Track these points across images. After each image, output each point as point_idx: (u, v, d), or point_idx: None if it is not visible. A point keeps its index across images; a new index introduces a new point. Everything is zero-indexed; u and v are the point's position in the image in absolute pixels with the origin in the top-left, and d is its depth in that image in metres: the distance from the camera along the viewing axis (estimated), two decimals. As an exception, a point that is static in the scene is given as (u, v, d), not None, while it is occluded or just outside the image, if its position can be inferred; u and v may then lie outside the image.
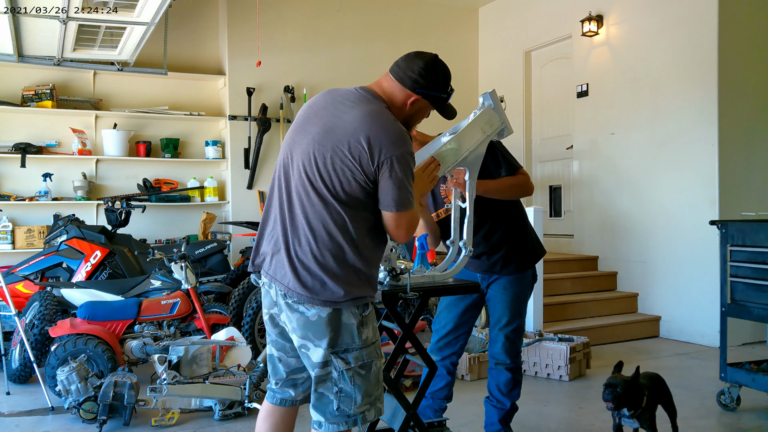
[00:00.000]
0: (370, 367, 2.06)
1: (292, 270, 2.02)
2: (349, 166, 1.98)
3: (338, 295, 1.99)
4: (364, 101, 2.07)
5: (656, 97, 6.17)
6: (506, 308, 2.99)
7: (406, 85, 2.15)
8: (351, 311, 2.03)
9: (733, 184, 5.66)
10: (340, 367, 2.02)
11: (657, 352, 5.58)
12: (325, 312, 2.00)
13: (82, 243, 5.23)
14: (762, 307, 3.69)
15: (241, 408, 3.79)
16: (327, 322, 2.00)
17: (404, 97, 2.16)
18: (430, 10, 8.17)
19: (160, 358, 3.97)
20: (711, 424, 3.73)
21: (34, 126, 6.56)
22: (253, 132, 7.16)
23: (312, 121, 2.09)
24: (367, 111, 2.03)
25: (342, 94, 2.11)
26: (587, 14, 6.77)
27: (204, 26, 7.33)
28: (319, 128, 2.04)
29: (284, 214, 2.08)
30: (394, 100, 2.15)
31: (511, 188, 2.92)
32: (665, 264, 6.10)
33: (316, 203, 2.01)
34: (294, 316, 2.04)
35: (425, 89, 2.16)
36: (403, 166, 1.99)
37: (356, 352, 2.04)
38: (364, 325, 2.05)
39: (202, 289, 5.16)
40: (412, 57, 2.21)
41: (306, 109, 2.16)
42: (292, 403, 2.25)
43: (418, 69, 2.16)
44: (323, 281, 1.99)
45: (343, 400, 2.04)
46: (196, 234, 6.90)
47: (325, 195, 2.00)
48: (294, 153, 2.09)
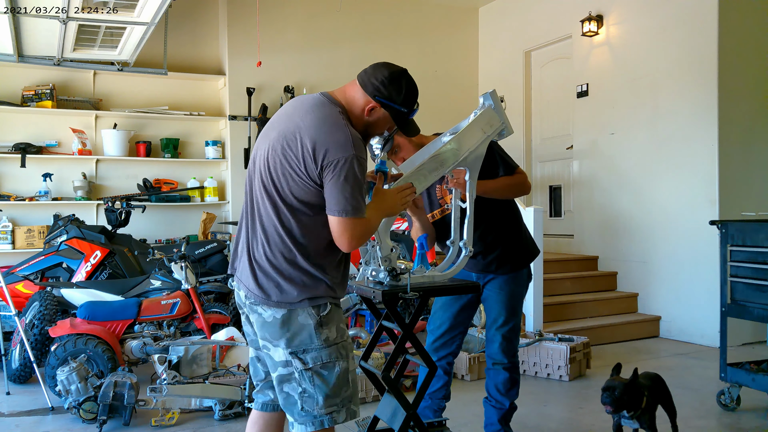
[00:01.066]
0: (333, 367, 2.06)
1: (251, 272, 2.08)
2: (296, 169, 2.01)
3: (291, 296, 2.03)
4: (319, 106, 2.10)
5: (656, 97, 6.17)
6: (502, 308, 2.99)
7: (367, 91, 2.14)
8: (307, 312, 2.05)
9: (733, 184, 5.66)
10: (299, 367, 2.04)
11: (657, 352, 5.58)
12: (280, 313, 2.04)
13: (82, 243, 5.23)
14: (762, 307, 3.69)
15: (241, 408, 3.79)
16: (282, 323, 2.04)
17: (364, 103, 2.15)
18: (430, 10, 8.18)
19: (160, 358, 3.97)
20: (711, 424, 3.73)
21: (34, 126, 6.56)
22: (253, 132, 7.16)
23: (273, 126, 2.15)
24: (318, 115, 2.05)
25: (304, 101, 2.16)
26: (587, 14, 6.77)
27: (204, 26, 7.33)
28: (276, 134, 2.09)
29: (247, 218, 2.15)
30: (354, 105, 2.16)
31: (509, 188, 2.92)
32: (665, 264, 6.10)
33: (268, 207, 2.07)
34: (254, 317, 2.11)
35: (385, 99, 2.14)
36: (347, 171, 1.97)
37: (315, 352, 2.04)
38: (323, 326, 2.06)
39: (202, 289, 5.16)
40: (380, 66, 2.19)
41: (274, 116, 2.23)
42: (273, 408, 2.26)
43: (381, 77, 2.14)
44: (278, 283, 2.04)
45: (306, 400, 2.06)
46: (196, 234, 6.90)
47: (276, 199, 2.05)
48: (256, 158, 2.16)
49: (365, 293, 2.54)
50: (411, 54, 7.97)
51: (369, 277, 2.57)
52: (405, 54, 7.95)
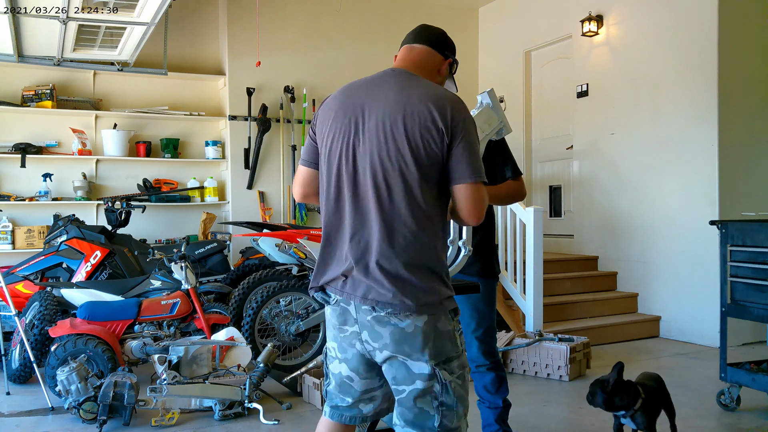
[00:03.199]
0: (466, 376, 1.93)
1: (383, 278, 1.82)
2: (428, 144, 1.82)
3: (432, 299, 1.83)
4: (411, 78, 1.96)
5: (656, 97, 6.17)
6: (473, 311, 2.98)
7: (438, 50, 2.10)
8: (445, 315, 1.87)
9: (733, 184, 5.66)
10: (445, 379, 1.84)
11: (657, 352, 5.58)
12: (421, 321, 1.82)
13: (82, 243, 5.23)
14: (762, 307, 3.69)
15: (241, 408, 3.80)
16: (425, 331, 1.83)
17: (438, 62, 2.11)
18: (430, 10, 8.17)
19: (160, 358, 3.97)
20: (711, 424, 3.73)
21: (34, 126, 6.56)
22: (253, 132, 7.16)
23: (363, 109, 1.90)
24: (424, 84, 1.93)
25: (383, 78, 1.96)
26: (587, 14, 6.77)
27: (204, 26, 7.33)
28: (381, 115, 1.87)
29: (363, 219, 1.87)
30: (428, 68, 2.08)
31: (510, 197, 2.94)
32: (665, 264, 6.10)
33: (401, 200, 1.83)
34: (386, 330, 1.83)
35: (453, 53, 2.16)
36: (473, 130, 1.87)
37: (457, 360, 1.88)
38: (456, 330, 1.90)
39: (202, 289, 5.16)
40: (426, 27, 2.16)
41: (344, 102, 1.95)
42: (362, 420, 2.06)
43: (440, 35, 2.13)
44: (416, 286, 1.82)
45: (445, 414, 1.86)
46: (196, 234, 6.90)
47: (411, 185, 1.83)
48: (358, 148, 1.88)
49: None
50: (411, 54, 7.97)
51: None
52: (405, 54, 7.95)
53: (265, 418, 3.73)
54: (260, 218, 7.10)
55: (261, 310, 4.75)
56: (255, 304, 4.72)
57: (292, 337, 4.77)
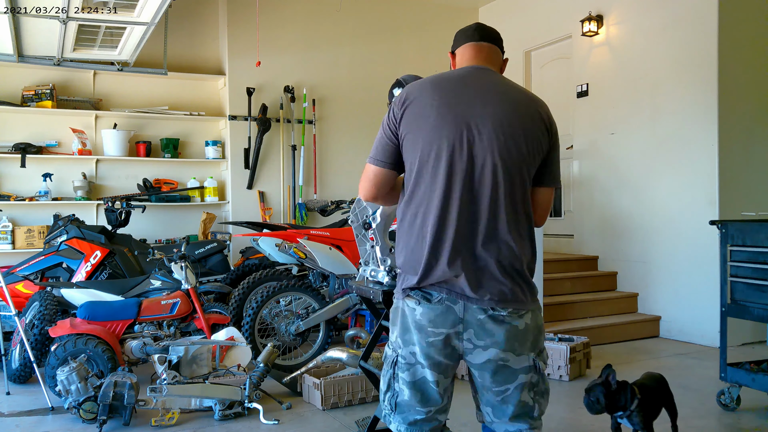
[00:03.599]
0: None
1: (503, 278, 1.82)
2: (539, 146, 1.89)
3: (535, 294, 1.91)
4: (504, 78, 2.00)
5: (656, 97, 6.17)
6: None
7: (501, 49, 2.10)
8: (540, 310, 1.95)
9: (733, 184, 5.66)
10: (541, 369, 1.93)
11: (657, 352, 5.58)
12: (530, 317, 1.88)
13: (82, 243, 5.23)
14: (762, 307, 3.69)
15: (241, 408, 3.80)
16: (532, 327, 1.88)
17: (501, 61, 2.11)
18: (430, 10, 8.18)
19: (160, 358, 3.97)
20: (711, 424, 3.73)
21: (34, 126, 6.56)
22: (253, 132, 7.16)
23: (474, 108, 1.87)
24: (519, 86, 2.00)
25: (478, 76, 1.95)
26: (587, 14, 6.77)
27: (204, 26, 7.33)
28: (497, 114, 1.85)
29: (479, 217, 1.83)
30: (497, 67, 2.07)
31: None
32: (665, 264, 6.10)
33: (518, 199, 1.85)
34: (500, 329, 1.83)
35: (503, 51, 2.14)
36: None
37: (545, 349, 1.99)
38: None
39: (202, 289, 5.16)
40: (484, 25, 2.11)
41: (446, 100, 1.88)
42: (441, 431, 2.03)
43: (497, 32, 2.11)
44: (528, 282, 1.87)
45: (541, 401, 1.96)
46: (196, 234, 6.90)
47: (525, 185, 1.87)
48: (474, 146, 1.83)
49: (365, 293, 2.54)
50: (411, 54, 7.97)
51: (368, 277, 2.57)
52: (405, 54, 7.96)
53: (265, 418, 3.73)
54: (260, 218, 7.10)
55: (261, 310, 4.75)
56: (255, 304, 4.72)
57: (292, 337, 4.77)
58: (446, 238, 1.82)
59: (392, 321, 1.96)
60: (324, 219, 6.99)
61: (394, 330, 1.94)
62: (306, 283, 4.92)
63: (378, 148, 1.95)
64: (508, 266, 1.83)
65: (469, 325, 1.84)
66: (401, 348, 1.90)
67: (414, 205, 1.88)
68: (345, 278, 5.09)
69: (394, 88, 2.94)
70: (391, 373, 1.92)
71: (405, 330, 1.89)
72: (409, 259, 1.87)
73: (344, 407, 3.97)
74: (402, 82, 2.92)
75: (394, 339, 1.93)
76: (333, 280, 5.16)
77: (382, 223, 2.46)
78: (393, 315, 1.96)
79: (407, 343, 1.89)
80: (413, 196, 1.87)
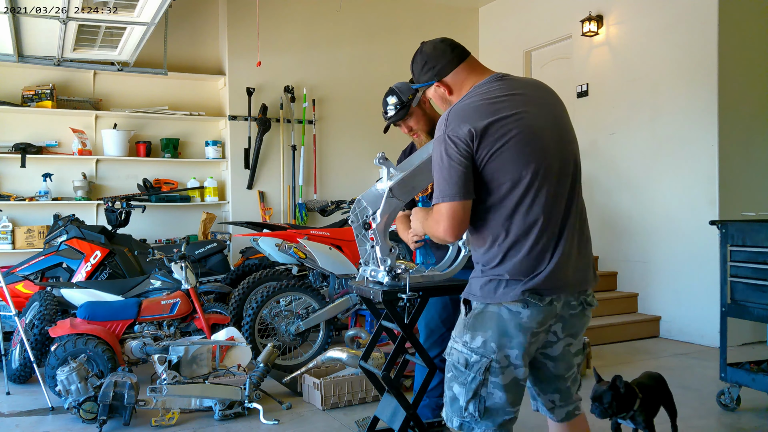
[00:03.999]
0: None
1: (586, 270, 2.03)
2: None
3: None
4: (530, 79, 2.18)
5: (656, 97, 6.17)
6: None
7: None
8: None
9: (733, 184, 5.66)
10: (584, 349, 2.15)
11: (657, 352, 5.58)
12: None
13: (82, 243, 5.23)
14: (762, 307, 3.69)
15: (241, 408, 3.80)
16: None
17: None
18: (430, 10, 8.18)
19: (160, 358, 3.97)
20: (711, 424, 3.73)
21: (34, 126, 6.56)
22: (253, 132, 7.16)
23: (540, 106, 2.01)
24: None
25: (521, 85, 2.05)
26: (587, 14, 6.77)
27: (204, 26, 7.33)
28: (555, 115, 2.02)
29: (564, 216, 1.95)
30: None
31: None
32: (665, 264, 6.10)
33: (582, 197, 2.05)
34: (582, 319, 2.05)
35: None
36: None
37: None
38: None
39: (202, 289, 5.16)
40: (448, 39, 2.23)
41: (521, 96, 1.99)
42: (576, 411, 2.17)
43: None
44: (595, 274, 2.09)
45: (577, 380, 2.16)
46: (196, 234, 6.90)
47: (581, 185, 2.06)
48: (551, 144, 1.95)
49: (365, 293, 2.55)
50: (411, 54, 7.91)
51: (368, 277, 2.57)
52: (405, 54, 7.91)
53: (265, 418, 3.73)
54: (260, 218, 7.10)
55: (261, 310, 4.75)
56: (255, 304, 4.72)
57: (292, 337, 4.77)
58: (552, 241, 1.92)
59: (478, 327, 1.94)
60: (324, 219, 6.99)
61: (479, 335, 1.93)
62: (306, 283, 4.92)
63: (457, 182, 1.88)
64: (589, 259, 2.05)
65: (560, 320, 1.99)
66: (495, 352, 1.92)
67: (520, 214, 1.90)
68: (345, 278, 5.09)
69: (388, 96, 2.95)
70: (480, 379, 1.93)
71: (503, 334, 1.91)
72: (519, 264, 1.90)
73: (344, 407, 3.97)
74: (395, 91, 2.93)
75: (480, 344, 1.93)
76: (333, 280, 5.16)
77: (382, 223, 2.46)
78: (478, 321, 1.95)
79: (503, 347, 1.91)
80: (519, 206, 1.90)
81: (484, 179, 1.90)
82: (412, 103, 2.90)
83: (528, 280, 1.88)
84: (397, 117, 2.92)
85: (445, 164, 1.89)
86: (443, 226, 1.91)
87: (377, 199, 2.49)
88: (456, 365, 1.97)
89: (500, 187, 1.90)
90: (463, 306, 2.00)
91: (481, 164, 1.89)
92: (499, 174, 1.89)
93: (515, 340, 1.91)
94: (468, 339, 1.95)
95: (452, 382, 1.98)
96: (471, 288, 1.99)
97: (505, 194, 1.90)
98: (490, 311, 1.93)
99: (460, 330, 1.99)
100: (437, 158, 1.92)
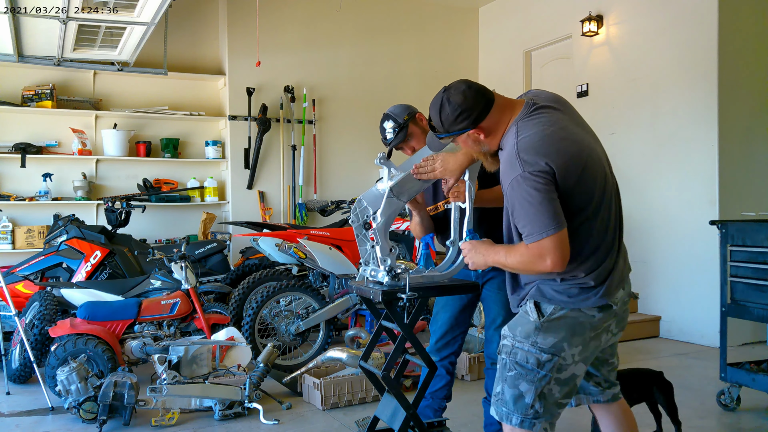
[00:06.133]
0: None
1: (627, 264, 2.29)
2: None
3: None
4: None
5: (656, 97, 6.17)
6: (501, 308, 2.97)
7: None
8: None
9: (733, 184, 5.65)
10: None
11: (657, 352, 5.58)
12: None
13: (82, 243, 5.23)
14: (762, 307, 3.69)
15: (241, 408, 3.80)
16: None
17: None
18: (430, 10, 8.18)
19: (160, 358, 3.97)
20: (711, 424, 3.73)
21: (34, 126, 6.56)
22: (253, 132, 7.16)
23: (581, 125, 2.27)
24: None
25: (552, 110, 2.23)
26: (587, 14, 6.77)
27: (204, 26, 7.33)
28: (589, 130, 2.29)
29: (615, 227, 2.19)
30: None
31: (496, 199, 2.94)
32: (665, 264, 6.10)
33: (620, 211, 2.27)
34: (628, 312, 2.28)
35: None
36: None
37: None
38: None
39: (202, 289, 5.16)
40: (468, 81, 2.27)
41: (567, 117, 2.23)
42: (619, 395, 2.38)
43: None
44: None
45: (616, 365, 2.39)
46: (196, 234, 6.90)
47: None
48: (603, 157, 2.21)
49: (365, 293, 2.55)
50: (411, 54, 7.97)
51: (368, 277, 2.57)
52: (405, 54, 7.96)
53: (265, 418, 3.73)
54: (260, 218, 7.10)
55: (261, 310, 4.75)
56: (255, 304, 4.72)
57: (292, 337, 4.77)
58: (615, 248, 2.15)
59: (552, 329, 2.07)
60: (324, 219, 6.99)
61: (551, 336, 2.06)
62: (306, 283, 4.92)
63: (553, 215, 1.95)
64: (626, 255, 2.27)
65: (616, 317, 2.15)
66: (564, 351, 2.06)
67: (597, 225, 2.08)
68: (345, 278, 5.09)
69: (384, 122, 2.93)
70: (550, 377, 2.06)
71: (575, 334, 2.07)
72: (602, 271, 2.08)
73: (344, 407, 3.97)
74: (390, 115, 2.92)
75: (551, 344, 2.06)
76: (333, 280, 5.16)
77: (382, 223, 2.46)
78: (554, 324, 2.07)
79: (572, 346, 2.07)
80: (595, 219, 2.07)
81: (566, 203, 2.01)
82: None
83: (606, 285, 2.08)
84: (398, 140, 2.90)
85: (536, 200, 1.95)
86: (551, 260, 1.95)
87: (378, 199, 2.50)
88: (524, 364, 2.07)
89: (582, 208, 2.04)
90: (534, 309, 2.09)
91: (564, 191, 2.00)
92: (581, 196, 2.03)
93: (583, 338, 2.08)
94: (539, 340, 2.07)
95: (518, 380, 2.08)
96: (544, 293, 2.09)
97: (586, 212, 2.05)
98: (571, 316, 2.07)
99: (529, 331, 2.08)
100: (522, 197, 1.97)
